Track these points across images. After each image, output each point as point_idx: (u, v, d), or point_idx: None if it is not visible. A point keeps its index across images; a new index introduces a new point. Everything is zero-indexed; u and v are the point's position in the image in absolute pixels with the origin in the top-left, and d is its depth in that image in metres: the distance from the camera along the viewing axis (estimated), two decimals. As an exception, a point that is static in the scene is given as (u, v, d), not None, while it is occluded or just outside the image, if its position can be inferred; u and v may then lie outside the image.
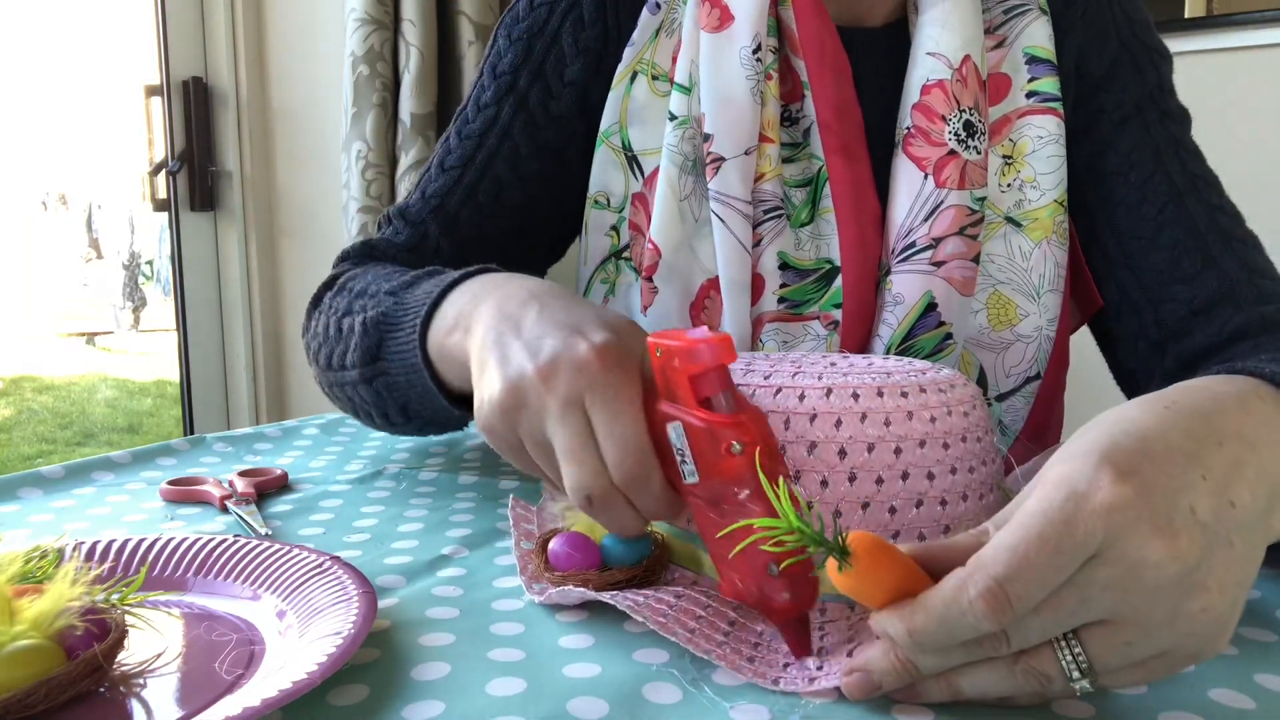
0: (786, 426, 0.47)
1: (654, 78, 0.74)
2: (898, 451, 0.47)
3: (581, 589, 0.47)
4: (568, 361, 0.46)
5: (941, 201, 0.70)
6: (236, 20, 1.93)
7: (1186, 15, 1.58)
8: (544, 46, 0.76)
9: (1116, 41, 0.76)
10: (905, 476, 0.47)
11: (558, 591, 0.47)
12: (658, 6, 0.75)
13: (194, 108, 1.93)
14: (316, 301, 0.75)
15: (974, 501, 0.49)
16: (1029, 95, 0.73)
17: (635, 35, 0.75)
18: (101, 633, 0.40)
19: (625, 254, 0.77)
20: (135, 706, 0.39)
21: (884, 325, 0.71)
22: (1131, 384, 0.77)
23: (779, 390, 0.49)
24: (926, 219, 0.70)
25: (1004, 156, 0.73)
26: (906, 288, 0.70)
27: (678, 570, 0.52)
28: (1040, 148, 0.73)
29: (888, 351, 0.71)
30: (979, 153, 0.71)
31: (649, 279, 0.73)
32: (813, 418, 0.47)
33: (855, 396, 0.48)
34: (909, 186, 0.71)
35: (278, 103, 1.98)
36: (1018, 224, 0.72)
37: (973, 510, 0.49)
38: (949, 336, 0.70)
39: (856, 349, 0.72)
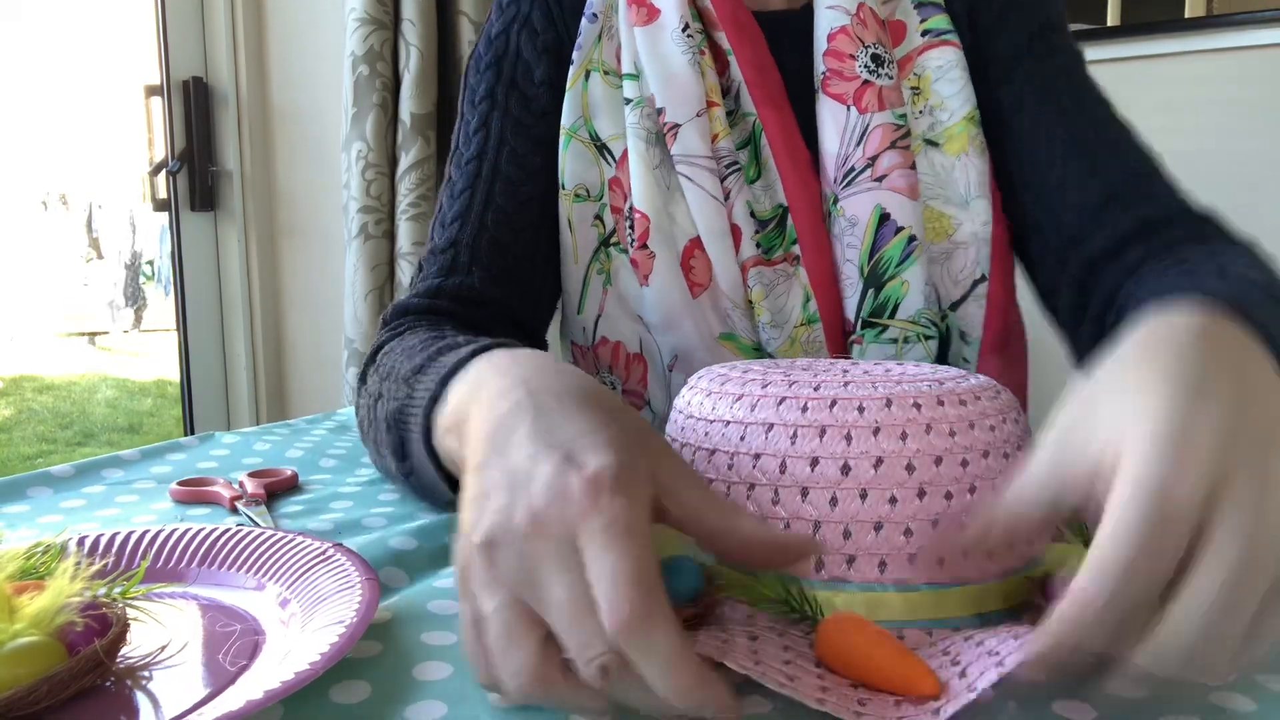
0: (793, 440, 0.45)
1: (605, 73, 0.81)
2: (910, 468, 0.45)
3: None
4: (558, 495, 0.37)
5: (868, 125, 0.76)
6: (236, 20, 1.93)
7: (1186, 15, 1.58)
8: (510, 64, 0.83)
9: None
10: (921, 495, 0.45)
11: None
12: (595, 16, 0.82)
13: (194, 108, 1.93)
14: (363, 377, 0.71)
15: None
16: (924, 34, 0.80)
17: (581, 40, 0.82)
18: (103, 628, 0.40)
19: (613, 239, 0.80)
20: (140, 700, 0.39)
21: (849, 249, 0.76)
22: (1050, 300, 0.80)
23: (782, 401, 0.47)
24: (859, 143, 0.76)
25: (912, 88, 0.80)
26: (857, 208, 0.76)
27: (729, 603, 0.47)
28: (943, 75, 0.79)
29: (861, 270, 0.75)
30: (891, 79, 0.78)
31: (643, 246, 0.77)
32: (821, 432, 0.45)
33: (860, 410, 0.46)
34: (834, 121, 0.77)
35: (278, 103, 1.98)
36: (935, 143, 0.78)
37: None
38: (912, 239, 0.75)
39: (822, 279, 0.76)
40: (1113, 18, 1.61)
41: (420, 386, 0.57)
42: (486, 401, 0.46)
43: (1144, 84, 1.51)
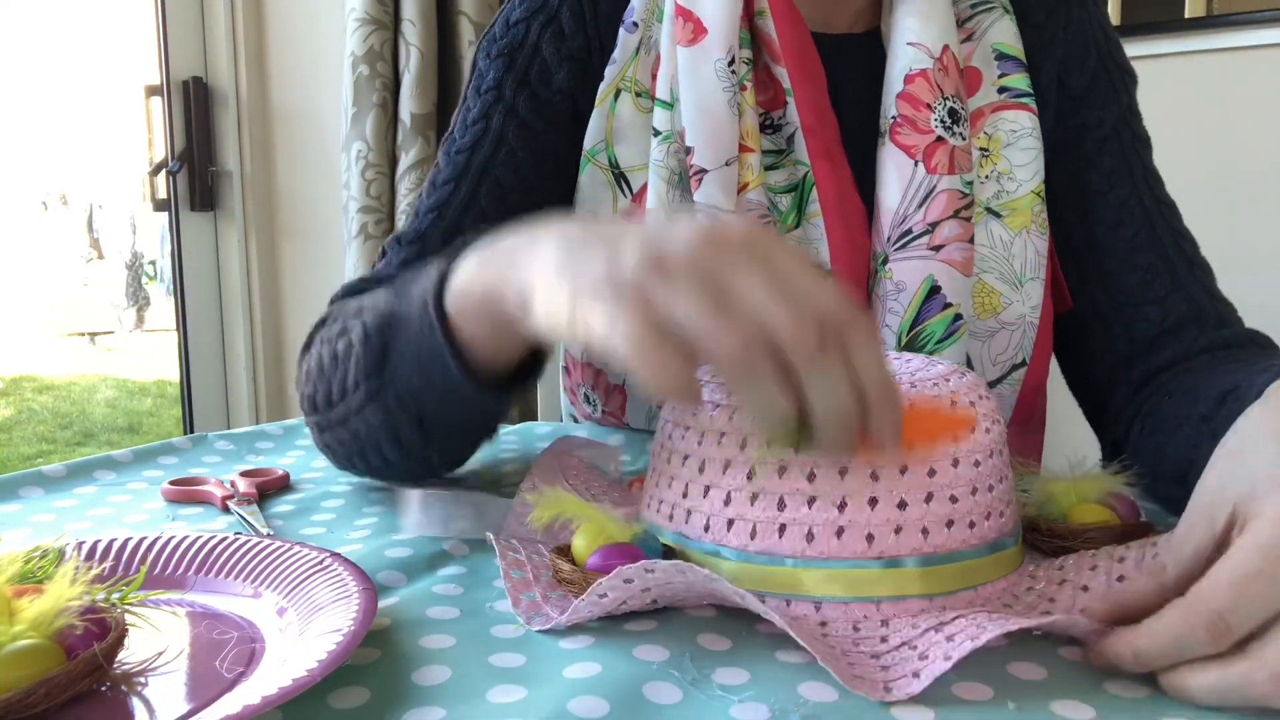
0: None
1: (637, 94, 0.76)
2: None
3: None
4: (738, 226, 0.41)
5: (934, 187, 0.71)
6: (236, 20, 1.93)
7: (1186, 15, 1.58)
8: (525, 58, 0.77)
9: (1096, 58, 0.78)
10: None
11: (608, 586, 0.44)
12: (635, 25, 0.76)
13: (194, 108, 1.93)
14: (307, 345, 0.67)
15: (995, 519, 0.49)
16: (1000, 91, 0.75)
17: (616, 53, 0.76)
18: (101, 632, 0.40)
19: None
20: (136, 705, 0.39)
21: (889, 314, 0.72)
22: (1092, 391, 0.78)
23: None
24: (921, 205, 0.71)
25: (981, 149, 0.75)
26: (907, 274, 0.71)
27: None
28: (1015, 141, 0.74)
29: (899, 340, 0.72)
30: (964, 138, 0.73)
31: None
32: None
33: None
34: (899, 174, 0.72)
35: (278, 103, 1.98)
36: (997, 214, 0.74)
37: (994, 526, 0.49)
38: (958, 318, 0.71)
39: None
40: (1113, 18, 1.61)
41: (417, 284, 0.55)
42: (551, 233, 0.46)
43: (1144, 84, 1.51)
